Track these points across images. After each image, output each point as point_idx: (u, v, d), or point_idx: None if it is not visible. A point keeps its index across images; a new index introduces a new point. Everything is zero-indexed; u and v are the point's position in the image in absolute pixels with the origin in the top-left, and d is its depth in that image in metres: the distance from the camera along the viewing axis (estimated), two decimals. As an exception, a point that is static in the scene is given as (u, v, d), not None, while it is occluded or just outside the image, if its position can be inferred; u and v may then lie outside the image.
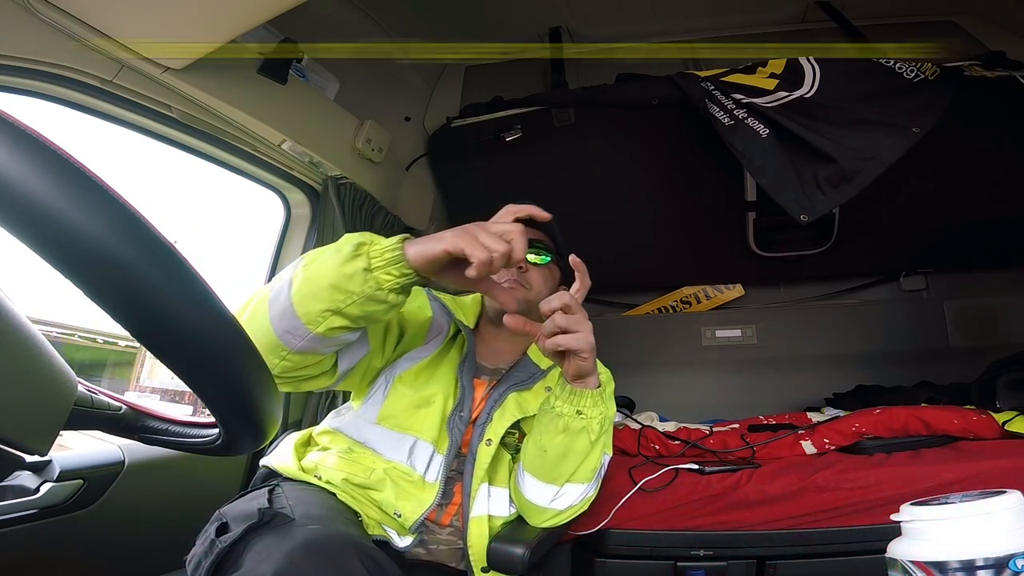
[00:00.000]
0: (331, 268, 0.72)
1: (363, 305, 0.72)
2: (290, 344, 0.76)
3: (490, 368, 1.11)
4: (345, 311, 0.73)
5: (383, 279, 0.71)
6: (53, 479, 1.03)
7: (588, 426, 0.88)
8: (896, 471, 1.18)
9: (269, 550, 0.64)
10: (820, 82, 1.47)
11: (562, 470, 0.91)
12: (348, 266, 0.71)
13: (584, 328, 0.80)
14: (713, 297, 2.24)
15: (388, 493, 0.92)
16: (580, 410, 0.87)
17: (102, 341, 2.28)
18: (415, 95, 1.95)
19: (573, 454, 0.90)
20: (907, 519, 0.61)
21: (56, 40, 0.99)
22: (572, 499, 0.95)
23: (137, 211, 0.38)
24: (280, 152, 1.44)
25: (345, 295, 0.72)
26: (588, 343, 0.80)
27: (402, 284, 0.72)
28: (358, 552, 0.65)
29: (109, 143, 1.22)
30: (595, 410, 0.88)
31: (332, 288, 0.72)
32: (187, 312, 0.41)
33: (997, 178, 1.75)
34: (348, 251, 0.72)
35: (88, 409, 0.58)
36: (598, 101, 1.73)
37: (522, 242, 0.72)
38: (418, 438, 0.97)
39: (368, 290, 0.71)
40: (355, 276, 0.71)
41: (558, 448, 0.89)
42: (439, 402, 0.99)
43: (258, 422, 0.54)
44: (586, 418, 0.87)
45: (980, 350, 1.81)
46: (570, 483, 0.93)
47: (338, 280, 0.72)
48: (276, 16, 1.04)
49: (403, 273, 0.71)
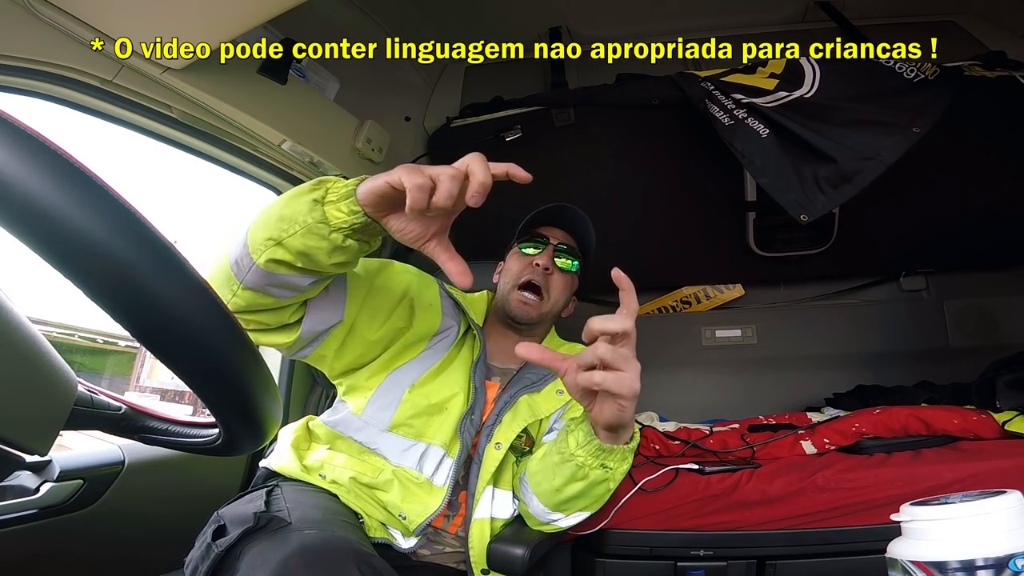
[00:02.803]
0: (285, 198, 0.70)
1: (304, 237, 0.68)
2: (238, 276, 0.73)
3: (500, 368, 1.09)
4: (286, 242, 0.69)
5: (332, 213, 0.67)
6: (53, 479, 1.03)
7: (611, 477, 0.82)
8: (896, 471, 1.18)
9: (264, 556, 0.64)
10: (820, 82, 1.47)
11: (573, 506, 0.90)
12: (302, 197, 0.68)
13: (631, 369, 0.63)
14: (713, 297, 2.24)
15: (395, 495, 0.91)
16: (606, 464, 0.78)
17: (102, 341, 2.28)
18: (415, 95, 1.95)
19: (587, 496, 0.87)
20: (907, 519, 0.61)
21: (56, 40, 0.99)
22: (576, 520, 0.95)
23: (137, 211, 0.38)
24: (280, 152, 1.44)
25: (289, 224, 0.68)
26: (632, 389, 0.64)
27: (351, 224, 0.66)
28: (355, 558, 0.64)
29: (109, 143, 1.21)
30: (622, 463, 0.79)
31: (279, 217, 0.69)
32: (186, 312, 0.41)
33: (997, 178, 1.75)
34: (308, 185, 0.69)
35: (88, 409, 0.58)
36: (598, 101, 1.73)
37: (482, 168, 0.60)
38: (431, 444, 0.95)
39: (311, 220, 0.67)
40: (304, 206, 0.67)
41: (573, 491, 0.85)
42: (453, 407, 0.97)
43: (258, 422, 0.54)
44: (610, 471, 0.80)
45: (980, 350, 1.81)
46: (578, 512, 0.93)
47: (287, 209, 0.69)
48: (276, 16, 1.03)
49: (352, 210, 0.66)
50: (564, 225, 1.14)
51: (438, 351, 1.02)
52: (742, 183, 1.91)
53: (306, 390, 1.56)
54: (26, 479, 1.03)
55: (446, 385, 0.99)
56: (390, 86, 1.83)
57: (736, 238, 2.03)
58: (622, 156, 1.88)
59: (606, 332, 0.62)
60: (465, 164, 0.60)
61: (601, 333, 0.63)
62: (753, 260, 2.06)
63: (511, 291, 1.09)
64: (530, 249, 1.12)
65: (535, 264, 1.08)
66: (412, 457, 0.95)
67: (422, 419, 0.96)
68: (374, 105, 1.69)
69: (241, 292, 0.74)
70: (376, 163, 1.67)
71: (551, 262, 1.09)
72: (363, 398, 0.98)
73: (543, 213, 1.14)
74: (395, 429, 0.95)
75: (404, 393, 0.96)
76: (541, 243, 1.11)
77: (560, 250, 1.11)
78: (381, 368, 0.99)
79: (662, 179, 1.92)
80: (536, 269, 1.08)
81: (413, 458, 0.94)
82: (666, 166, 1.88)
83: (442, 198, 0.59)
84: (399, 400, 0.96)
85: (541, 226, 1.15)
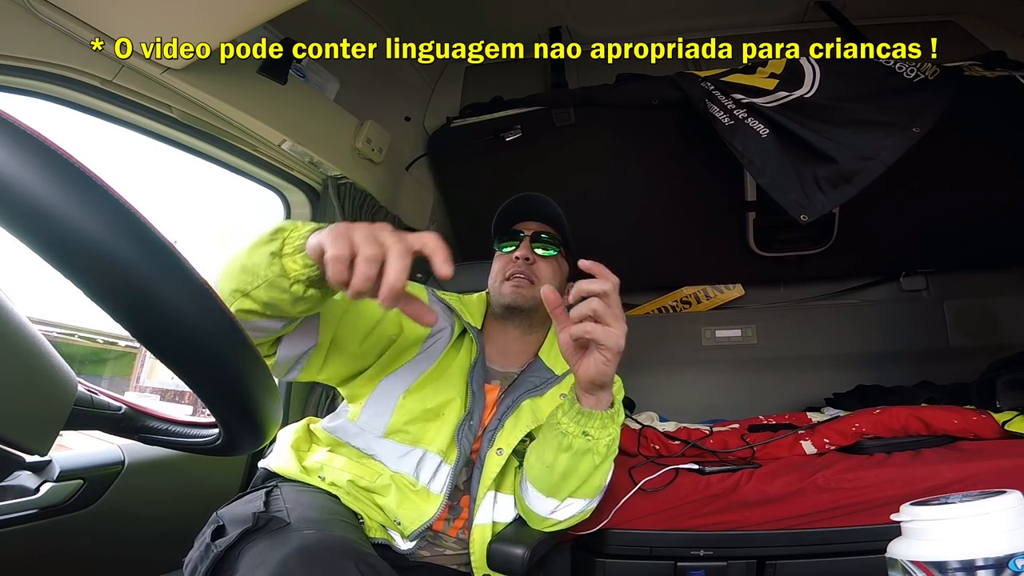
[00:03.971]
0: (247, 248, 0.69)
1: (268, 290, 0.67)
2: None
3: (500, 372, 1.07)
4: (252, 294, 0.68)
5: (289, 266, 0.65)
6: (53, 479, 1.02)
7: (594, 448, 0.83)
8: (896, 471, 1.18)
9: (264, 556, 0.64)
10: (820, 82, 1.47)
11: (565, 487, 0.89)
12: (261, 248, 0.67)
13: (618, 326, 0.72)
14: (713, 297, 2.24)
15: (391, 499, 0.91)
16: (587, 432, 0.82)
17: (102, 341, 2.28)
18: (415, 95, 1.95)
19: (576, 474, 0.87)
20: (907, 519, 0.61)
21: (56, 40, 0.99)
22: (574, 511, 0.94)
23: (137, 211, 0.38)
24: (280, 152, 1.44)
25: (252, 276, 0.67)
26: (617, 343, 0.72)
27: (308, 276, 0.65)
28: (355, 558, 0.64)
29: (109, 143, 1.22)
30: (603, 432, 0.83)
31: (242, 268, 0.68)
32: (186, 312, 0.41)
33: (997, 178, 1.75)
34: (266, 234, 0.68)
35: (88, 409, 0.58)
36: (598, 101, 1.73)
37: (400, 264, 0.53)
38: (427, 450, 0.94)
39: (271, 275, 0.66)
40: (263, 258, 0.66)
41: (561, 466, 0.86)
42: (450, 413, 0.96)
43: (258, 422, 0.54)
44: (592, 439, 0.83)
45: (980, 350, 1.82)
46: (572, 498, 0.91)
47: (248, 260, 0.68)
48: (276, 16, 1.03)
49: (306, 263, 0.64)
50: (534, 215, 1.13)
51: (432, 355, 1.00)
52: (742, 183, 1.91)
53: (306, 391, 1.56)
54: (26, 479, 1.02)
55: (442, 390, 0.97)
56: (390, 86, 1.83)
57: (736, 238, 2.03)
58: (622, 156, 1.88)
59: (591, 293, 0.71)
60: (407, 244, 0.55)
61: (587, 293, 0.71)
62: (753, 260, 2.06)
63: (500, 285, 1.08)
64: (507, 247, 1.11)
65: (515, 258, 1.08)
66: (409, 463, 0.94)
67: (418, 425, 0.95)
68: (374, 105, 1.69)
69: None
70: (376, 163, 1.67)
71: (530, 252, 1.09)
72: (359, 404, 0.98)
73: (509, 209, 1.12)
74: (391, 435, 0.95)
75: (399, 399, 0.95)
76: (516, 238, 1.11)
77: (536, 240, 1.10)
78: (376, 374, 0.98)
79: (662, 179, 1.92)
80: (517, 263, 1.07)
81: (410, 464, 0.94)
82: (666, 166, 1.88)
83: (359, 281, 0.54)
84: (394, 406, 0.95)
85: (513, 222, 1.13)
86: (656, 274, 2.21)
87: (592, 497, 0.93)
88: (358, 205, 1.60)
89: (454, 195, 2.06)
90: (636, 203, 1.97)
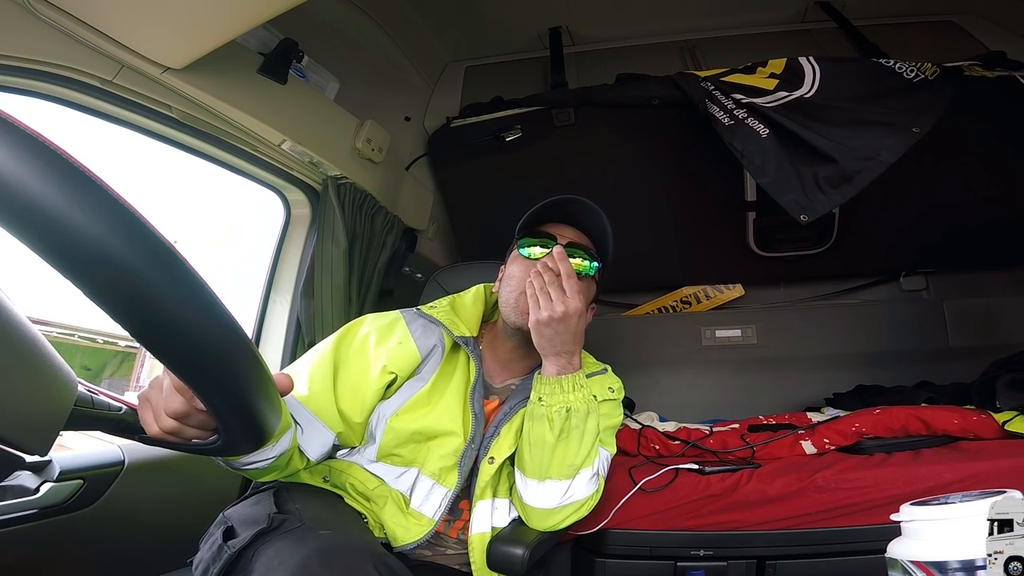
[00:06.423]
0: None
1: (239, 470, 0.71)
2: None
3: (499, 387, 1.02)
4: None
5: None
6: (53, 479, 1.02)
7: (547, 414, 0.86)
8: (896, 471, 1.18)
9: (282, 556, 0.64)
10: (820, 82, 1.47)
11: (534, 460, 0.89)
12: None
13: (557, 297, 0.84)
14: (713, 297, 2.24)
15: (386, 513, 0.91)
16: (541, 397, 0.88)
17: (102, 341, 2.27)
18: (415, 95, 1.95)
19: (542, 445, 0.88)
20: (907, 519, 0.61)
21: (56, 40, 0.98)
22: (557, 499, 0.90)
23: (137, 211, 0.38)
24: (280, 152, 1.44)
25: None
26: (555, 309, 0.83)
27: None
28: (372, 559, 0.64)
29: (109, 143, 1.21)
30: (553, 398, 0.87)
31: None
32: (186, 312, 0.41)
33: (997, 178, 1.75)
34: None
35: (88, 409, 0.58)
36: (598, 101, 1.73)
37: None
38: (420, 472, 0.93)
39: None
40: None
41: (535, 436, 0.89)
42: (449, 438, 0.93)
43: (257, 423, 0.54)
44: (544, 405, 0.87)
45: (980, 350, 1.81)
46: (551, 480, 0.90)
47: None
48: (276, 16, 1.03)
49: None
50: (574, 221, 0.98)
51: (425, 376, 0.95)
52: (742, 183, 1.91)
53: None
54: (26, 479, 1.02)
55: (437, 411, 0.93)
56: (390, 86, 1.83)
57: (736, 238, 2.03)
58: (622, 156, 1.88)
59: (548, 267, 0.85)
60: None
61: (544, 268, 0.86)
62: (753, 260, 2.06)
63: (516, 298, 0.94)
64: (534, 251, 0.96)
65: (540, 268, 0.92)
66: (405, 483, 0.93)
67: (408, 447, 0.93)
68: (374, 105, 1.69)
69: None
70: (376, 163, 1.67)
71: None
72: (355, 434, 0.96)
73: (547, 207, 0.97)
74: (383, 459, 0.94)
75: (387, 421, 0.92)
76: (547, 243, 0.96)
77: (571, 250, 0.95)
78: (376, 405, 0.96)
79: (662, 179, 1.92)
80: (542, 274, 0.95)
81: (406, 484, 0.93)
82: (666, 166, 1.88)
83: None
84: (383, 429, 0.92)
85: (546, 223, 0.99)
86: (656, 274, 2.21)
87: (568, 478, 0.90)
88: (358, 205, 1.60)
89: (454, 195, 2.06)
90: (636, 203, 1.97)
